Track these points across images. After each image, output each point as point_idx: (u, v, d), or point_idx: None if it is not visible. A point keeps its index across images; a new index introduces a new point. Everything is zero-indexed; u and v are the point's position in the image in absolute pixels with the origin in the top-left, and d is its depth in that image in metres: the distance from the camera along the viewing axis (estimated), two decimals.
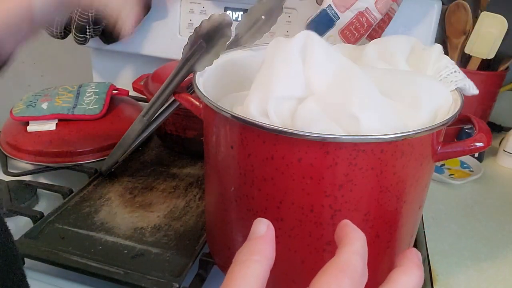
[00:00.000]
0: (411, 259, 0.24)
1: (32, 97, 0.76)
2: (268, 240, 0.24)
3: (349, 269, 0.22)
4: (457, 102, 0.42)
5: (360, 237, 0.23)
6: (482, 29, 0.74)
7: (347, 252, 0.23)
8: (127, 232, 0.55)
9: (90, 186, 0.64)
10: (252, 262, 0.23)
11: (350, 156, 0.35)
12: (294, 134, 0.35)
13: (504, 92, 0.86)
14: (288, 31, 0.82)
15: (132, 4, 0.47)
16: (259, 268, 0.22)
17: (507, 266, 0.54)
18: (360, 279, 0.22)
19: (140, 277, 0.47)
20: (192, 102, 0.48)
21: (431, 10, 0.75)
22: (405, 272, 0.24)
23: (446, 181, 0.71)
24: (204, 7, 0.87)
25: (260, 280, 0.22)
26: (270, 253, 0.23)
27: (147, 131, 0.59)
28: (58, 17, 0.52)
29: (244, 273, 0.22)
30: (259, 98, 0.38)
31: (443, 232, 0.60)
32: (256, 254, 0.23)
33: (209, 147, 0.45)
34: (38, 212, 0.58)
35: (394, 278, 0.23)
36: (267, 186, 0.39)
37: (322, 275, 0.22)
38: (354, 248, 0.23)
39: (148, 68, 0.82)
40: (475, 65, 0.78)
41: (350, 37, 0.66)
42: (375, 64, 0.48)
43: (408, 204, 0.41)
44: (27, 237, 0.53)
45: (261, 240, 0.24)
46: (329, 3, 0.65)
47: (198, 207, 0.60)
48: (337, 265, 0.22)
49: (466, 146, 0.42)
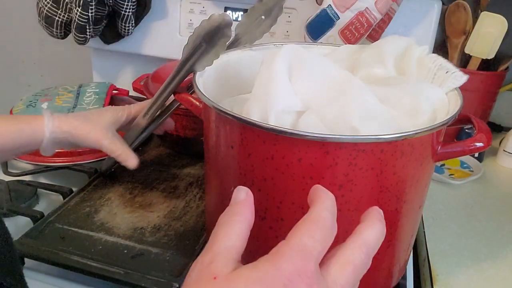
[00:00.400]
0: (373, 215, 0.27)
1: (32, 97, 0.76)
2: (247, 203, 0.27)
3: (319, 223, 0.25)
4: (457, 102, 0.42)
5: (329, 196, 0.27)
6: (482, 29, 0.74)
7: (318, 209, 0.26)
8: (127, 232, 0.55)
9: (90, 186, 0.64)
10: (234, 222, 0.26)
11: (350, 156, 0.35)
12: (294, 134, 0.35)
13: (504, 92, 0.86)
14: (288, 31, 0.82)
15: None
16: (240, 227, 0.26)
17: (507, 266, 0.54)
18: (330, 232, 0.25)
19: (140, 277, 0.47)
20: (192, 102, 0.48)
21: (431, 10, 0.75)
22: (369, 226, 0.27)
23: (446, 181, 0.71)
24: (204, 7, 0.87)
25: (241, 237, 0.26)
26: (249, 215, 0.27)
27: (147, 131, 0.59)
28: (67, 147, 0.65)
29: (226, 231, 0.26)
30: (259, 110, 0.38)
31: (443, 232, 0.60)
32: (236, 215, 0.26)
33: (209, 147, 0.45)
34: (38, 212, 0.58)
35: (359, 231, 0.27)
36: (267, 186, 0.39)
37: (296, 228, 0.25)
38: (324, 205, 0.26)
39: (148, 68, 0.82)
40: (475, 65, 0.78)
41: (350, 37, 0.66)
42: (371, 67, 0.48)
43: (408, 204, 0.41)
44: (27, 237, 0.53)
45: (241, 204, 0.27)
46: (329, 3, 0.66)
47: (198, 207, 0.60)
48: (309, 219, 0.25)
49: (466, 146, 0.42)
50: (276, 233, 0.40)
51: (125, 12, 0.82)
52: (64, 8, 0.83)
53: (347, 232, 0.39)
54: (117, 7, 0.82)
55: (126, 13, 0.83)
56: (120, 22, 0.85)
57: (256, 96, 0.40)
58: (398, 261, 0.46)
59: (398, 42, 0.50)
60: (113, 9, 0.83)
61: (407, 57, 0.48)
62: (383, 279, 0.45)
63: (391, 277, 0.46)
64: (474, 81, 0.79)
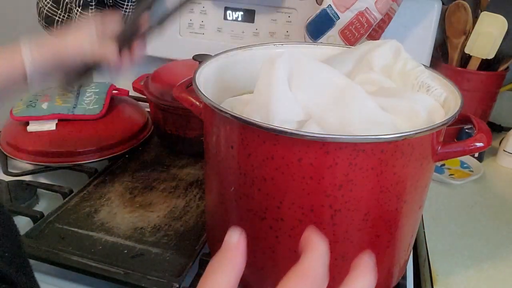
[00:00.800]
0: (364, 264, 0.26)
1: (32, 97, 0.76)
2: (239, 250, 0.26)
3: (311, 274, 0.24)
4: (457, 102, 0.42)
5: (321, 243, 0.26)
6: (482, 29, 0.74)
7: (310, 258, 0.25)
8: (127, 232, 0.55)
9: (90, 186, 0.64)
10: (224, 271, 0.25)
11: (350, 156, 0.35)
12: (294, 134, 0.35)
13: (504, 92, 0.86)
14: (288, 31, 0.82)
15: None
16: (229, 278, 0.25)
17: (507, 266, 0.54)
18: (321, 283, 0.25)
19: (140, 277, 0.47)
20: (192, 102, 0.48)
21: (431, 10, 0.75)
22: (359, 276, 0.26)
23: (446, 181, 0.71)
24: (204, 7, 0.87)
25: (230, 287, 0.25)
26: (240, 262, 0.26)
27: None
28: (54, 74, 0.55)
29: (215, 280, 0.25)
30: (261, 119, 0.38)
31: (443, 232, 0.60)
32: (227, 263, 0.26)
33: (209, 147, 0.45)
34: (38, 212, 0.58)
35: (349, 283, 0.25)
36: (267, 186, 0.39)
37: (287, 279, 0.25)
38: (316, 254, 0.25)
39: (148, 68, 0.82)
40: (475, 65, 0.78)
41: (350, 37, 0.66)
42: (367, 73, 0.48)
43: (408, 204, 0.41)
44: (27, 237, 0.53)
45: (232, 251, 0.26)
46: (329, 3, 0.66)
47: (198, 207, 0.60)
48: (300, 270, 0.25)
49: (466, 146, 0.42)
50: (276, 233, 0.40)
51: (125, 12, 0.82)
52: (64, 8, 0.83)
53: (346, 232, 0.40)
54: (117, 7, 0.82)
55: (126, 13, 0.83)
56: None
57: (257, 104, 0.40)
58: (398, 261, 0.46)
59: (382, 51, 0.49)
60: (113, 9, 0.83)
61: (392, 71, 0.48)
62: (383, 279, 0.45)
63: (391, 277, 0.46)
64: (474, 81, 0.80)
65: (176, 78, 0.69)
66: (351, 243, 0.40)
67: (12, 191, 0.63)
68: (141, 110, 0.82)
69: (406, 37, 0.77)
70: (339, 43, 0.67)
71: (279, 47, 0.55)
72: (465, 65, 0.79)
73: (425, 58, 0.76)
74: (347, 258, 0.40)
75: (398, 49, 0.49)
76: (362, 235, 0.40)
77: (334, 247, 0.40)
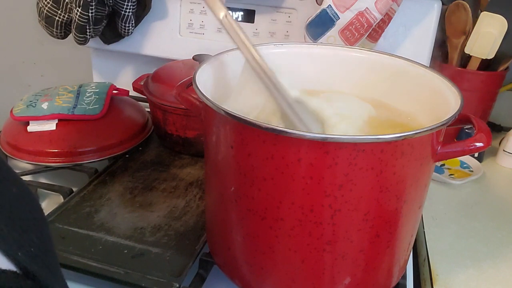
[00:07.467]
0: None
1: (32, 97, 0.76)
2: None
3: None
4: (457, 102, 0.42)
5: None
6: (482, 29, 0.74)
7: None
8: (127, 232, 0.55)
9: (90, 186, 0.64)
10: None
11: (350, 156, 0.35)
12: (294, 134, 0.35)
13: (504, 92, 0.86)
14: (288, 31, 0.82)
15: None
16: None
17: (507, 266, 0.54)
18: None
19: (140, 277, 0.47)
20: (192, 102, 0.48)
21: (431, 10, 0.75)
22: None
23: (446, 181, 0.71)
24: (204, 7, 0.87)
25: None
26: None
27: None
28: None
29: None
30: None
31: (443, 232, 0.60)
32: None
33: (209, 147, 0.45)
34: None
35: None
36: (267, 186, 0.39)
37: None
38: None
39: (148, 68, 0.82)
40: (475, 65, 0.78)
41: (350, 37, 0.66)
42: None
43: (408, 204, 0.41)
44: None
45: None
46: (329, 3, 0.65)
47: (198, 207, 0.60)
48: None
49: (466, 146, 0.42)
50: (276, 233, 0.40)
51: (125, 12, 0.82)
52: (64, 8, 0.83)
53: (346, 232, 0.40)
54: (117, 7, 0.82)
55: (126, 13, 0.83)
56: (120, 22, 0.85)
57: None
58: (398, 261, 0.46)
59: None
60: (113, 9, 0.83)
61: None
62: (383, 279, 0.45)
63: (391, 277, 0.46)
64: (474, 81, 0.80)
65: (176, 78, 0.70)
66: (351, 243, 0.40)
67: None
68: (141, 110, 0.82)
69: (406, 37, 0.77)
70: (339, 43, 0.67)
71: (279, 47, 0.55)
72: (465, 65, 0.79)
73: (425, 58, 0.76)
74: (347, 258, 0.40)
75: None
76: (362, 235, 0.40)
77: (334, 247, 0.40)
